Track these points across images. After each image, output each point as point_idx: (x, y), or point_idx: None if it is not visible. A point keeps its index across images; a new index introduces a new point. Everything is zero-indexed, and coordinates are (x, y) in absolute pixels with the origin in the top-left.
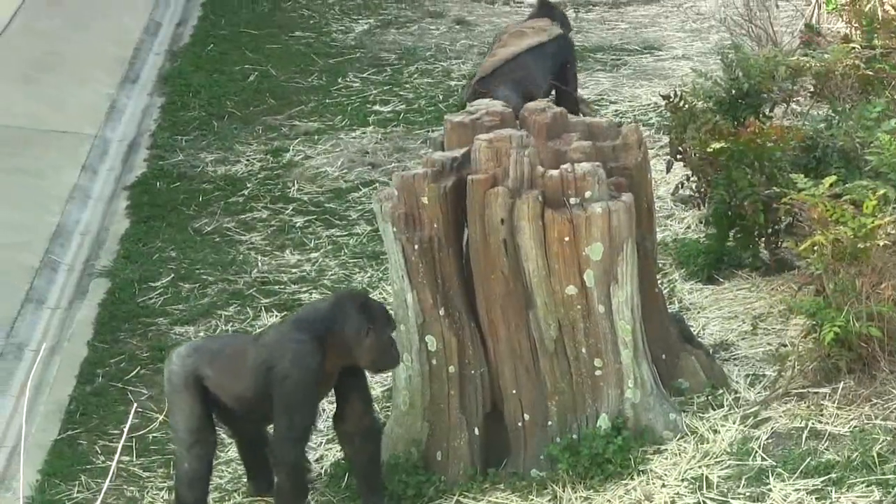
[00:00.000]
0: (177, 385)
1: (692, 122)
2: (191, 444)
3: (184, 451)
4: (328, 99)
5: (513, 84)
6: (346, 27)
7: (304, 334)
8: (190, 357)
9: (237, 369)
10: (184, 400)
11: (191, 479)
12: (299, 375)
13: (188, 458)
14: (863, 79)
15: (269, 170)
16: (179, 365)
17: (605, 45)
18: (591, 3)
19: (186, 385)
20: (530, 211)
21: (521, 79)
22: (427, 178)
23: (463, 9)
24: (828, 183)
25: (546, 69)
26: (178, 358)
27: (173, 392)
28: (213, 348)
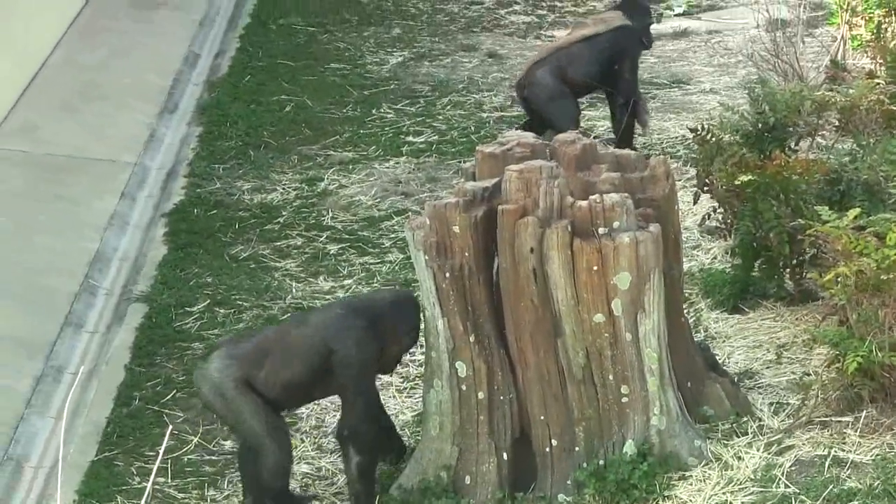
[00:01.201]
0: (232, 394)
1: (719, 154)
2: (270, 434)
3: (265, 444)
4: (362, 129)
5: (555, 69)
6: (381, 59)
7: (363, 321)
8: (231, 366)
9: (286, 358)
10: (245, 402)
11: (277, 468)
12: (363, 358)
13: (271, 449)
14: (887, 114)
15: (303, 198)
16: (226, 375)
17: None
18: None
19: (240, 390)
20: (559, 240)
21: (564, 65)
22: (458, 207)
23: (495, 42)
24: (852, 215)
25: (596, 59)
26: (219, 372)
27: (231, 401)
28: (249, 348)
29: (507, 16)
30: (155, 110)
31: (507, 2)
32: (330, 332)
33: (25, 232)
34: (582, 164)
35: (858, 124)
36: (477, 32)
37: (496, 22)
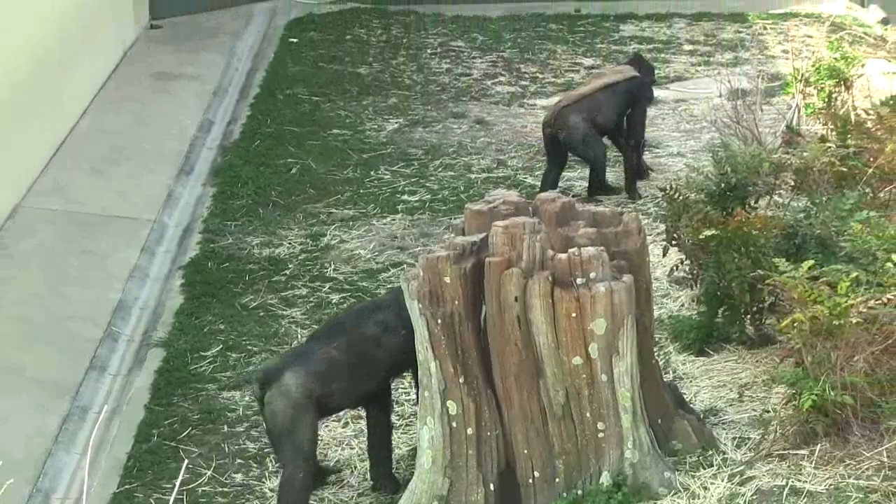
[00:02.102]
0: (303, 406)
1: (686, 211)
2: (311, 457)
3: (302, 464)
4: (362, 189)
5: (585, 114)
6: (379, 126)
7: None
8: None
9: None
10: (310, 419)
11: (304, 488)
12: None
13: (305, 470)
14: (837, 174)
15: (308, 252)
16: (301, 391)
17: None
18: None
19: (309, 407)
20: (541, 290)
21: (591, 110)
22: (449, 260)
23: (482, 110)
24: (806, 266)
25: (616, 105)
26: (297, 387)
27: (299, 415)
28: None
29: (493, 86)
30: (173, 172)
31: (493, 74)
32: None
33: (55, 282)
34: (561, 220)
35: (812, 184)
36: (466, 101)
37: (483, 92)
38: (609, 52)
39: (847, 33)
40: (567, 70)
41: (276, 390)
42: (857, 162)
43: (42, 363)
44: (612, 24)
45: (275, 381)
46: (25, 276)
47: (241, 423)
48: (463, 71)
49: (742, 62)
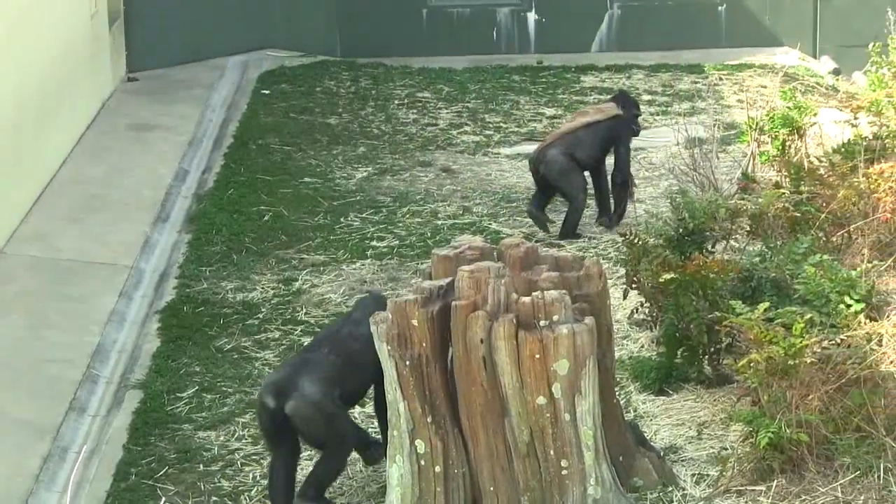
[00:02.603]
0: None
1: (645, 256)
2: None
3: (345, 449)
4: (332, 236)
5: (564, 149)
6: (348, 174)
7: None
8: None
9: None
10: (344, 415)
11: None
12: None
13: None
14: (791, 220)
15: (281, 296)
16: (324, 395)
17: None
18: None
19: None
20: (506, 332)
21: (572, 146)
22: (417, 303)
23: (448, 159)
24: (762, 309)
25: (598, 142)
26: (318, 392)
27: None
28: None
29: (459, 136)
30: (149, 219)
31: (459, 124)
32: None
33: (36, 327)
34: (525, 264)
35: (767, 229)
36: (432, 150)
37: (449, 141)
38: (570, 103)
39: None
40: (530, 119)
41: (299, 400)
42: (810, 207)
43: (23, 405)
44: (573, 75)
45: (293, 391)
46: (6, 321)
47: (216, 462)
48: (429, 121)
49: (699, 112)
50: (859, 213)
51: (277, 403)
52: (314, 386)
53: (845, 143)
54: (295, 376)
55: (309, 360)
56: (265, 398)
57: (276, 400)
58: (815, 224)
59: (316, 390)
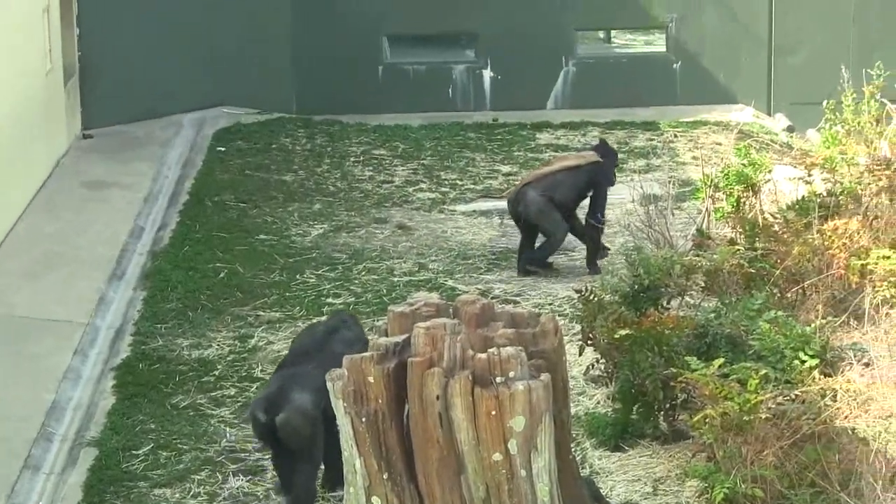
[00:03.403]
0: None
1: (601, 312)
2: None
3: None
4: (288, 293)
5: (542, 190)
6: (304, 231)
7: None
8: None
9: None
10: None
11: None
12: None
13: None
14: (746, 276)
15: (236, 353)
16: (314, 407)
17: None
18: None
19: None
20: (462, 388)
21: (551, 188)
22: (373, 360)
23: (404, 216)
24: (717, 364)
25: (575, 186)
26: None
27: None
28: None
29: (415, 193)
30: (105, 277)
31: (415, 181)
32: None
33: None
34: (481, 321)
35: (722, 285)
36: (388, 207)
37: (405, 198)
38: (526, 160)
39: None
40: (486, 176)
41: (291, 412)
42: (764, 264)
43: None
44: (528, 132)
45: (284, 404)
46: None
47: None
48: (385, 178)
49: (654, 168)
50: (814, 270)
51: (268, 417)
52: (306, 397)
53: (800, 200)
54: (285, 389)
55: (297, 374)
56: (257, 413)
57: (266, 414)
58: (770, 280)
59: (307, 400)
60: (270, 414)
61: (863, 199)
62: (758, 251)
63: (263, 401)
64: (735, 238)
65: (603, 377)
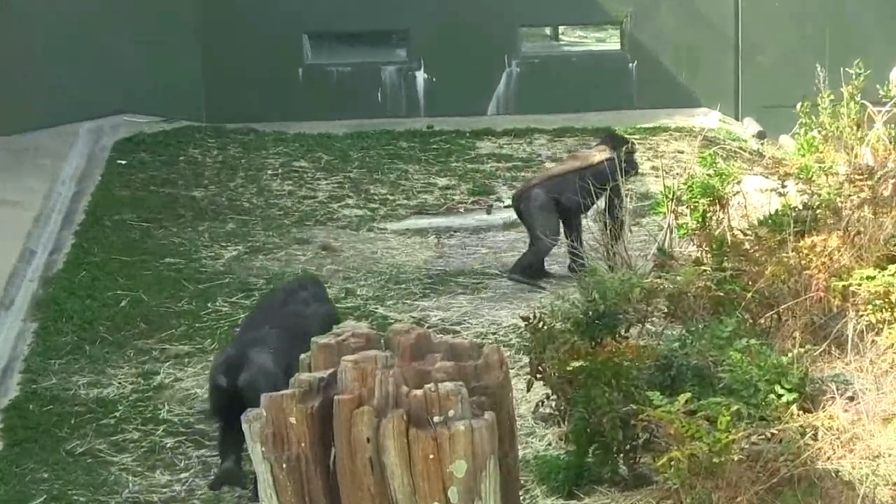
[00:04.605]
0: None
1: (551, 342)
2: None
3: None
4: (198, 323)
5: (548, 189)
6: (216, 253)
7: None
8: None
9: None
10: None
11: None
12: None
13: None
14: (714, 299)
15: (140, 392)
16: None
17: (465, 270)
18: (451, 229)
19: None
20: (395, 429)
21: (559, 189)
22: (295, 398)
23: (329, 235)
24: (683, 400)
25: (585, 188)
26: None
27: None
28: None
29: (340, 209)
30: None
31: (340, 196)
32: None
33: None
34: (416, 353)
35: (687, 310)
36: (310, 226)
37: (329, 216)
38: (465, 171)
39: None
40: (420, 191)
41: (253, 371)
42: (734, 286)
43: None
44: (467, 140)
45: (245, 365)
46: None
47: None
48: (307, 193)
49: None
50: (789, 292)
51: (230, 381)
52: (266, 357)
53: (773, 214)
54: (244, 351)
55: (255, 336)
56: (217, 379)
57: (228, 377)
58: (741, 304)
59: (269, 360)
60: (231, 377)
61: (843, 212)
62: (727, 272)
63: (223, 365)
64: (701, 257)
65: (554, 415)
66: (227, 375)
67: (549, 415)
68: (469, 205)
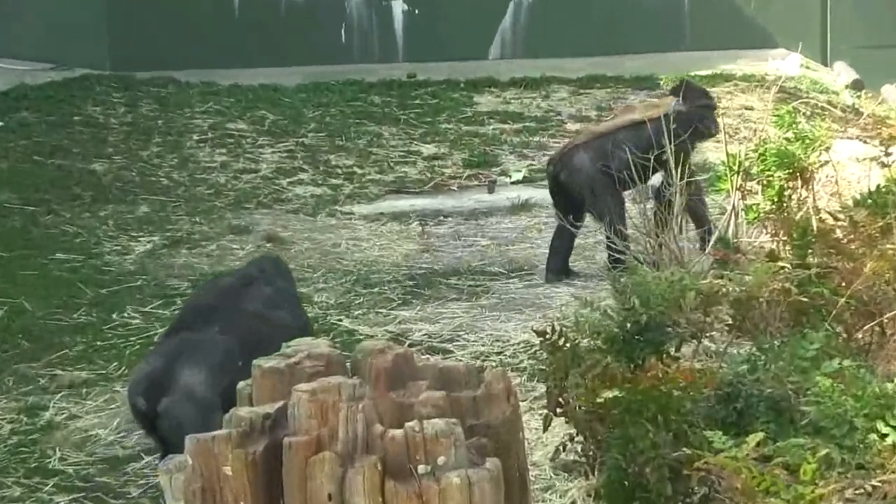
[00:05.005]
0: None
1: (576, 365)
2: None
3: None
4: (100, 340)
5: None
6: (124, 247)
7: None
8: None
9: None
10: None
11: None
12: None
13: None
14: (795, 306)
15: (22, 433)
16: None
17: (460, 268)
18: (441, 213)
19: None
20: (366, 483)
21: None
22: (231, 441)
23: (276, 222)
24: (753, 442)
25: (641, 147)
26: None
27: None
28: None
29: (291, 187)
30: None
31: (290, 169)
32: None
33: None
34: (395, 380)
35: (758, 321)
36: (251, 210)
37: (276, 196)
38: (459, 136)
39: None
40: (398, 162)
41: (176, 396)
42: (822, 288)
43: None
44: (462, 94)
45: (169, 386)
46: None
47: None
48: (246, 165)
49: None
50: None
51: (150, 404)
52: (198, 376)
53: (873, 191)
54: (173, 364)
55: (192, 342)
56: (134, 399)
57: (147, 400)
58: (831, 313)
59: (201, 381)
60: (152, 399)
61: None
62: (812, 269)
63: (144, 380)
64: (777, 250)
65: (581, 463)
66: (146, 396)
67: (573, 462)
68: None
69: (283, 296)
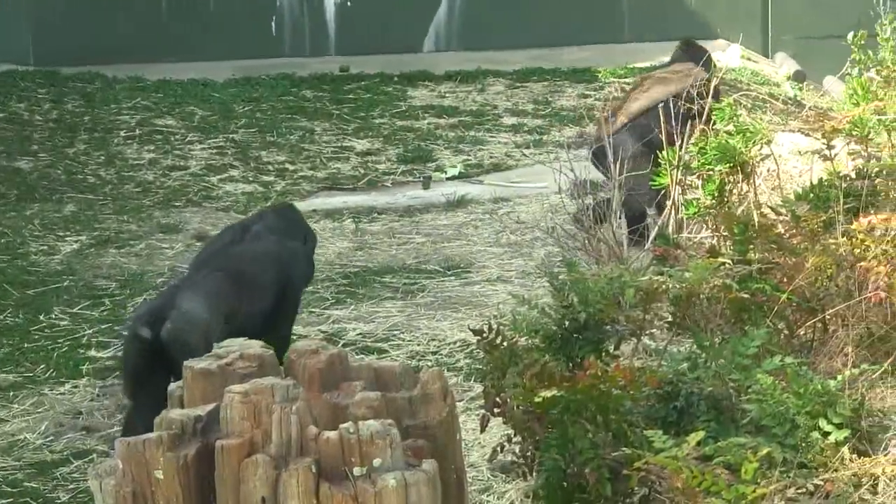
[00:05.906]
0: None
1: (514, 364)
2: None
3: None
4: (27, 342)
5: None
6: (51, 247)
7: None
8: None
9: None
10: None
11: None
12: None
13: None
14: (736, 303)
15: None
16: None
17: (394, 266)
18: (375, 210)
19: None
20: (300, 486)
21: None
22: (162, 444)
23: (206, 220)
24: (694, 441)
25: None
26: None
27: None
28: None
29: (221, 185)
30: None
31: (221, 166)
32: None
33: None
34: (329, 381)
35: (699, 319)
36: (180, 208)
37: (206, 193)
38: (393, 131)
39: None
40: (331, 158)
41: (178, 322)
42: (763, 285)
43: None
44: (396, 88)
45: (171, 314)
46: None
47: None
48: (174, 162)
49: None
50: (839, 293)
51: (154, 332)
52: (197, 303)
53: (815, 185)
54: (173, 298)
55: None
56: (139, 329)
57: (152, 328)
58: (773, 310)
59: (199, 307)
60: (156, 329)
61: None
62: (753, 265)
63: (147, 314)
64: (718, 246)
65: (519, 464)
66: (151, 327)
67: (511, 463)
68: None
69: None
